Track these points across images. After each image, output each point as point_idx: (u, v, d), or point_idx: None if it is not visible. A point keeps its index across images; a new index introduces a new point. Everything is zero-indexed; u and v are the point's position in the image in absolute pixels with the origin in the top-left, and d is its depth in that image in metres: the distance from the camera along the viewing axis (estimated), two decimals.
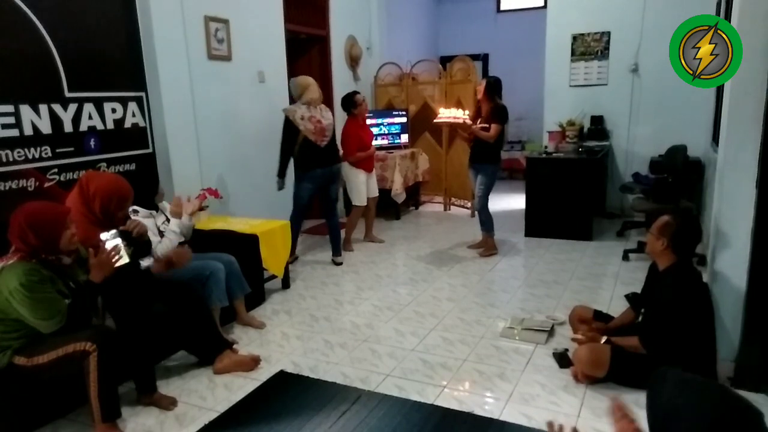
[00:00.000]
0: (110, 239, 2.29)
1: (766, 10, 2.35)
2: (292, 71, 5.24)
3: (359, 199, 4.96)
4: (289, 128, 4.25)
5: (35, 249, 2.14)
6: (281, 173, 4.42)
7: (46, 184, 3.05)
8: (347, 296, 3.90)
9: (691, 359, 2.34)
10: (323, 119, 4.33)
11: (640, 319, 2.74)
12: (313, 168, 4.32)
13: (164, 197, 3.29)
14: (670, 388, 1.27)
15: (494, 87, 4.56)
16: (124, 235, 2.41)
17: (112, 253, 2.28)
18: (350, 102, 4.87)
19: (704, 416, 1.12)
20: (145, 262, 2.94)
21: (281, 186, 4.45)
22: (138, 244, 2.67)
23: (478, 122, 4.55)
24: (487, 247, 4.81)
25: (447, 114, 4.64)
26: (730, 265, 2.63)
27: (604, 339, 2.62)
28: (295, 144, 4.26)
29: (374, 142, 5.25)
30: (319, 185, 4.43)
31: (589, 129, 6.00)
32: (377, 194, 5.24)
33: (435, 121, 4.86)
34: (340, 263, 4.61)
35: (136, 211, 2.99)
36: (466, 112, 4.58)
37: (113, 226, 2.51)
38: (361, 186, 4.94)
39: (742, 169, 2.50)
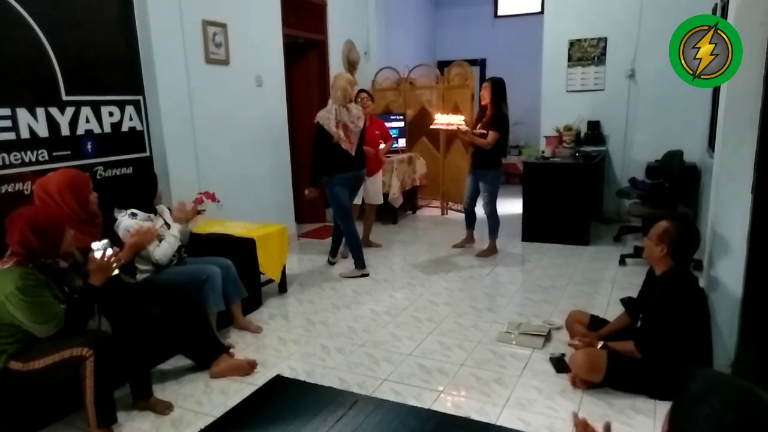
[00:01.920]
0: (101, 249, 2.29)
1: (760, 19, 2.37)
2: (290, 76, 5.25)
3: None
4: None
5: (36, 253, 2.13)
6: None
7: None
8: (344, 301, 3.90)
9: (688, 363, 2.35)
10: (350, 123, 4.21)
11: (637, 324, 2.75)
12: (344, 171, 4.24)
13: (162, 200, 3.28)
14: (702, 376, 1.26)
15: (500, 90, 4.52)
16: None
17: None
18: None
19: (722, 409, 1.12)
20: (140, 276, 2.94)
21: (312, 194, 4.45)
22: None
23: (479, 127, 4.55)
24: (489, 249, 4.86)
25: (443, 120, 4.64)
26: (726, 271, 2.64)
27: (600, 344, 2.62)
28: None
29: None
30: (350, 188, 4.39)
31: (585, 134, 6.03)
32: (380, 202, 5.18)
33: (431, 126, 4.85)
34: (333, 263, 4.70)
35: (134, 215, 2.98)
36: (463, 117, 4.58)
37: (93, 216, 2.57)
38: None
39: (738, 174, 2.52)
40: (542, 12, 6.48)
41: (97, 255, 2.27)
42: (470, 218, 5.00)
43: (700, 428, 1.10)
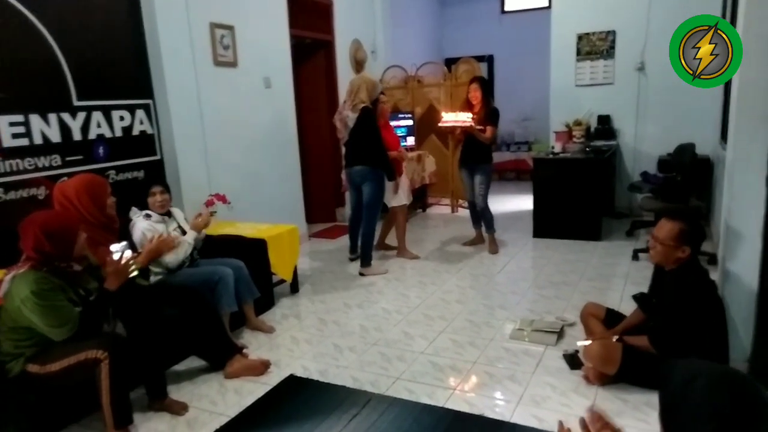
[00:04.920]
0: (120, 251, 2.32)
1: None
2: (298, 76, 5.25)
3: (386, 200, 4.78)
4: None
5: (49, 257, 2.16)
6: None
7: None
8: (356, 300, 3.90)
9: (702, 359, 2.32)
10: (343, 116, 4.43)
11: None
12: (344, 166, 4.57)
13: (172, 202, 3.29)
14: (680, 369, 1.28)
15: (488, 88, 4.71)
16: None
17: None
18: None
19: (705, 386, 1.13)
20: (153, 278, 2.96)
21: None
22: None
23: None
24: (495, 244, 4.87)
25: (452, 117, 4.63)
26: (741, 264, 2.61)
27: (615, 337, 2.60)
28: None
29: None
30: (354, 185, 4.51)
31: (596, 128, 5.98)
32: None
33: (440, 125, 4.80)
34: (362, 274, 4.39)
35: (149, 216, 3.01)
36: (470, 115, 4.57)
37: (111, 220, 2.60)
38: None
39: (752, 166, 2.49)
40: (549, 7, 6.44)
41: (116, 257, 2.30)
42: (477, 215, 5.01)
43: (693, 419, 1.10)
